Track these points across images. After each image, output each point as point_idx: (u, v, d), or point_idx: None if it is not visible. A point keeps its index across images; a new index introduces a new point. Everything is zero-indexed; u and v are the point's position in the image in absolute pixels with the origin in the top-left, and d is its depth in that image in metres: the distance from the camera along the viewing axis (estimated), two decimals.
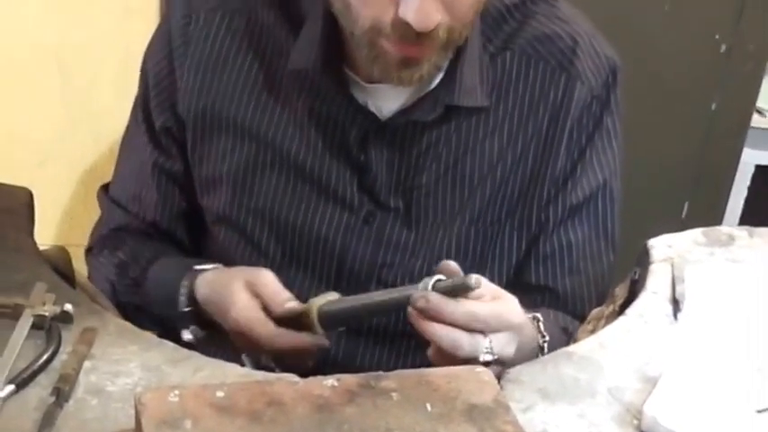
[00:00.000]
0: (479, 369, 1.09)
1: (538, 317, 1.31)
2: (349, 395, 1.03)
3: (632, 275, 1.44)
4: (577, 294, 1.50)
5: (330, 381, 1.05)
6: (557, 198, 1.48)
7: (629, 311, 1.34)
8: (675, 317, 1.33)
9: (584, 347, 1.27)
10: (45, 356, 1.13)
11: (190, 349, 1.23)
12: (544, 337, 1.31)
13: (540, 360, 1.25)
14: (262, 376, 1.21)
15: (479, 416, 1.02)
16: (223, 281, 1.37)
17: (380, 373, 1.07)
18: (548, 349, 1.30)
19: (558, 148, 1.46)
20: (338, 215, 1.46)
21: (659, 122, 2.30)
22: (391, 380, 1.06)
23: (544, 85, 1.45)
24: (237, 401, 1.00)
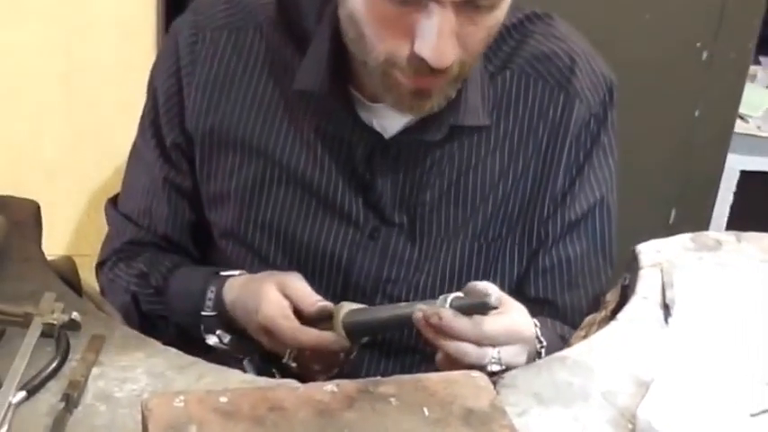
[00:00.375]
0: (475, 374, 1.09)
1: (536, 323, 1.31)
2: (349, 400, 1.03)
3: (623, 281, 1.44)
4: (576, 308, 1.50)
5: (330, 386, 1.05)
6: (555, 214, 1.48)
7: (620, 316, 1.34)
8: (666, 321, 1.33)
9: (578, 352, 1.27)
10: (54, 363, 1.14)
11: (212, 354, 1.24)
12: (542, 342, 1.31)
13: (535, 365, 1.25)
14: (264, 382, 1.21)
15: (476, 420, 1.02)
16: (254, 282, 1.38)
17: (379, 378, 1.07)
18: (545, 355, 1.30)
19: (558, 164, 1.46)
20: (344, 231, 1.45)
21: (644, 130, 2.30)
22: (389, 385, 1.05)
23: (543, 103, 1.45)
24: (240, 406, 1.00)
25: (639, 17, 2.30)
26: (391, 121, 1.41)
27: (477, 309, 1.20)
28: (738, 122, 2.58)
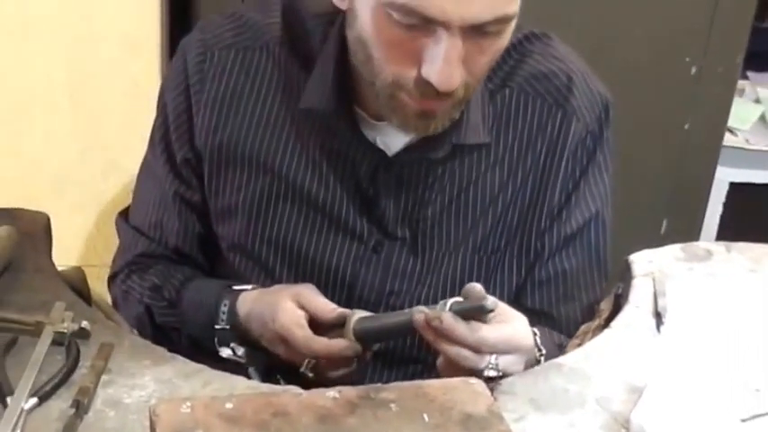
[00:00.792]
0: (473, 381, 1.10)
1: (535, 332, 1.32)
2: (350, 406, 1.03)
3: (616, 290, 1.44)
4: (571, 318, 1.50)
5: (332, 392, 1.05)
6: (552, 227, 1.48)
7: (614, 325, 1.34)
8: (658, 329, 1.33)
9: (573, 359, 1.27)
10: (65, 371, 1.14)
11: (225, 365, 1.24)
12: (541, 351, 1.31)
13: (532, 372, 1.25)
14: (267, 388, 1.22)
15: (474, 425, 1.02)
16: (269, 295, 1.39)
17: (379, 385, 1.07)
18: (543, 362, 1.30)
19: (555, 180, 1.47)
20: (348, 245, 1.46)
21: (636, 143, 2.30)
22: (390, 391, 1.06)
23: (541, 120, 1.46)
24: (245, 412, 1.01)
25: (631, 33, 2.31)
26: (395, 139, 1.41)
27: (476, 311, 1.20)
28: (727, 135, 2.58)
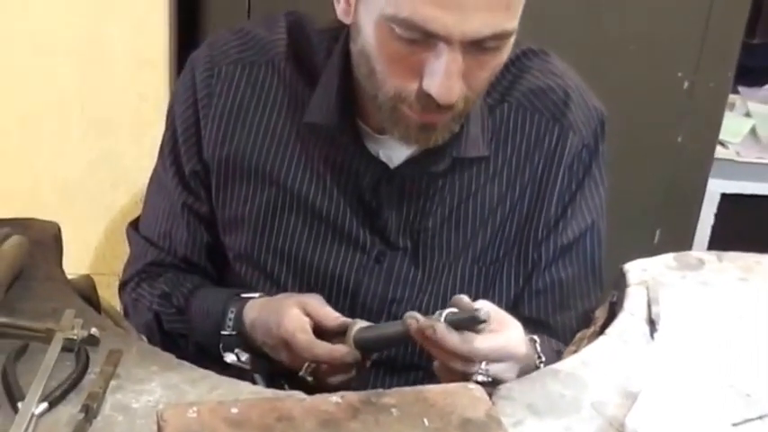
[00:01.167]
0: (472, 386, 1.10)
1: (535, 339, 1.33)
2: (353, 411, 1.03)
3: (611, 298, 1.44)
4: (567, 327, 1.50)
5: (335, 397, 1.05)
6: (549, 238, 1.49)
7: (609, 332, 1.34)
8: (652, 336, 1.33)
9: (569, 365, 1.27)
10: (75, 376, 1.14)
11: (231, 371, 1.24)
12: (540, 358, 1.32)
13: (530, 377, 1.25)
14: (272, 393, 1.22)
15: (473, 429, 1.02)
16: (275, 302, 1.40)
17: (380, 390, 1.07)
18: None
19: (552, 192, 1.47)
20: (351, 255, 1.46)
21: (630, 155, 2.30)
22: (391, 396, 1.06)
23: (539, 134, 1.46)
24: (250, 417, 1.01)
25: (624, 48, 2.31)
26: (396, 152, 1.42)
27: (469, 322, 1.20)
28: (719, 148, 2.58)
